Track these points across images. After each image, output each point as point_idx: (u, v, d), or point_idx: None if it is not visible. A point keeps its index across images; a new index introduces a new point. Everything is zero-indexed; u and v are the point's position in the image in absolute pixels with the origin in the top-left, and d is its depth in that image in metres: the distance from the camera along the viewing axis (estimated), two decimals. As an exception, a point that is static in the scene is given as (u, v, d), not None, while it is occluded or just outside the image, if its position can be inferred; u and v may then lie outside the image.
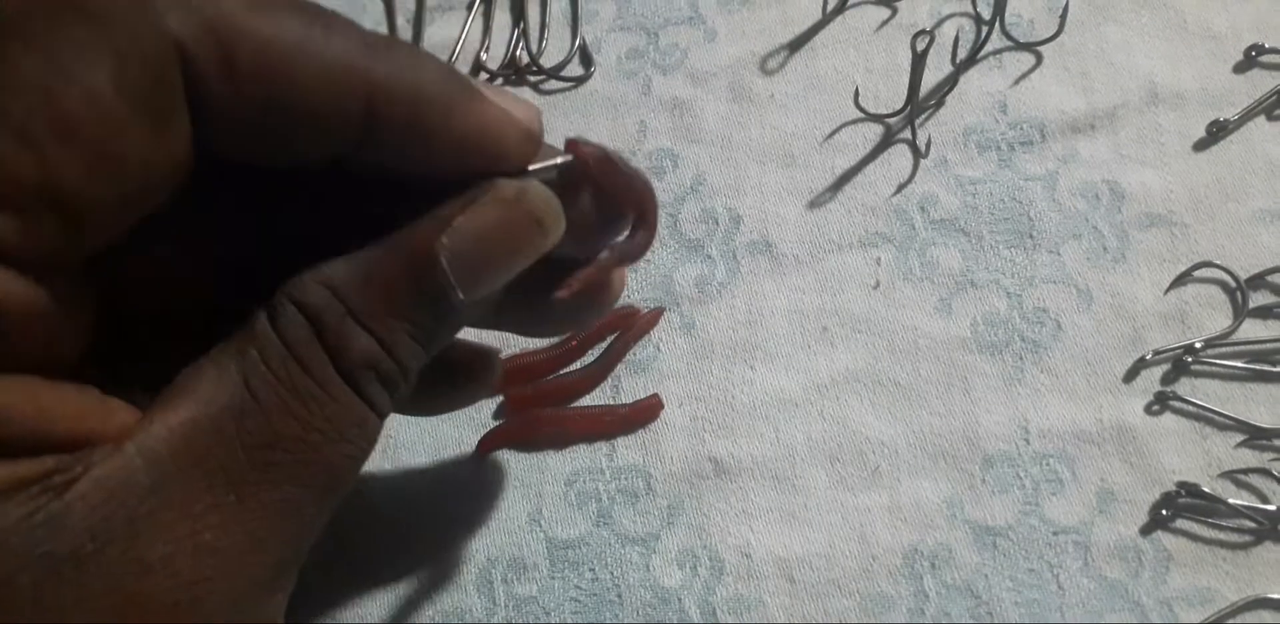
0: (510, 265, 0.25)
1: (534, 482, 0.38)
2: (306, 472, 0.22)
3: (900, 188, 0.42)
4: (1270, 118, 0.41)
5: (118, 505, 0.20)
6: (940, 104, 0.43)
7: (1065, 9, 0.43)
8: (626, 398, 0.39)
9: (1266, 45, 0.42)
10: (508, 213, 0.25)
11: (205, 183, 0.24)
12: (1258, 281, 0.38)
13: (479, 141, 0.24)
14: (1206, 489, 0.34)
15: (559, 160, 0.27)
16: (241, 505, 0.22)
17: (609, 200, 0.29)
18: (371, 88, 0.23)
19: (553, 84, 0.47)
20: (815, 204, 0.42)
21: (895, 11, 0.46)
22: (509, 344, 0.41)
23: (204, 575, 0.21)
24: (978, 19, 0.45)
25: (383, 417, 0.25)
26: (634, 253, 0.29)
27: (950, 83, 0.43)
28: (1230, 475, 0.35)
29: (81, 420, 0.22)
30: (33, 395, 0.21)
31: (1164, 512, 0.35)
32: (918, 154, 0.42)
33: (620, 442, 0.39)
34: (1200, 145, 0.41)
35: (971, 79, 0.44)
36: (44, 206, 0.20)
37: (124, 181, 0.21)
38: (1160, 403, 0.37)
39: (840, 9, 0.46)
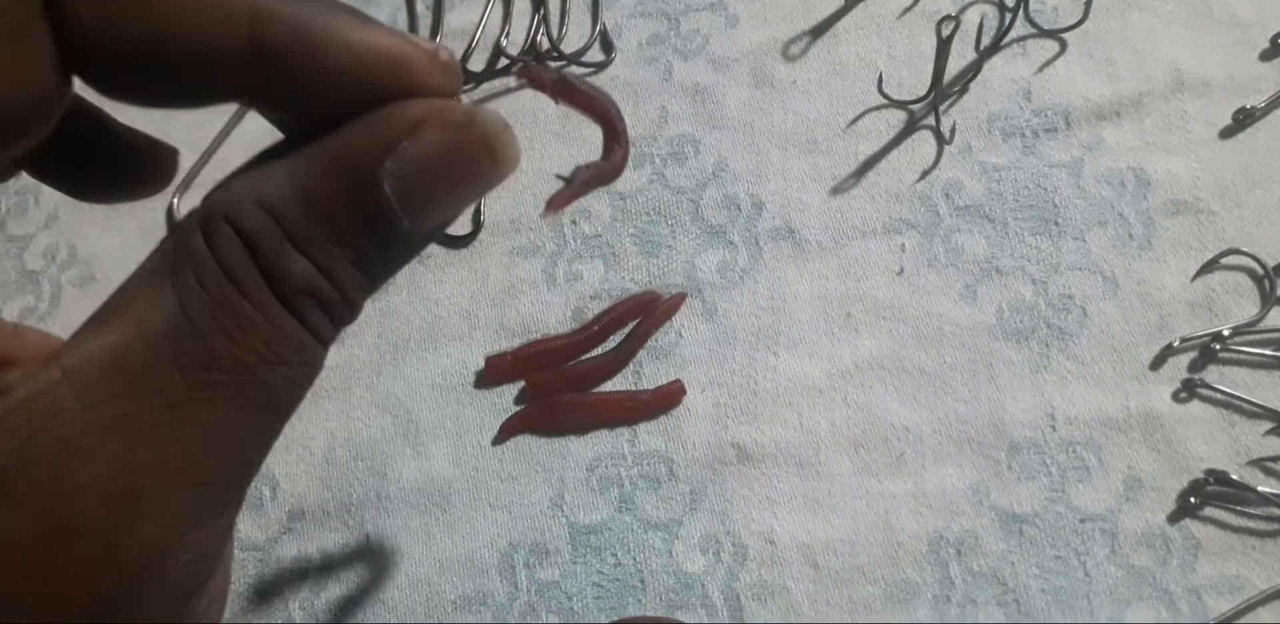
0: (461, 195, 0.24)
1: (556, 467, 0.38)
2: (244, 393, 0.22)
3: (924, 174, 0.42)
4: (1297, 105, 0.41)
5: (44, 427, 0.20)
6: (964, 90, 0.43)
7: (1090, -5, 0.43)
8: (648, 383, 0.39)
9: (1293, 33, 0.41)
10: (457, 137, 0.23)
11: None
12: (1285, 269, 0.38)
13: (380, 65, 0.23)
14: (1235, 477, 0.34)
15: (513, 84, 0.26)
16: (178, 425, 0.21)
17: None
18: (252, 15, 0.22)
19: (574, 70, 0.46)
20: (838, 190, 0.42)
21: (918, -2, 0.45)
22: (530, 330, 0.41)
23: (138, 496, 0.21)
24: (1001, 6, 0.44)
25: (325, 343, 0.24)
26: (611, 170, 0.29)
27: (974, 69, 0.43)
28: (1259, 463, 0.35)
29: None
30: None
31: (1192, 499, 0.34)
32: (941, 140, 0.42)
33: (642, 427, 0.39)
34: (1226, 133, 0.41)
35: (995, 66, 0.44)
36: None
37: None
38: (1188, 390, 0.36)
39: (863, -5, 0.46)
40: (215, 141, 0.48)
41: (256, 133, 0.29)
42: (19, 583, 0.20)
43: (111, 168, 0.28)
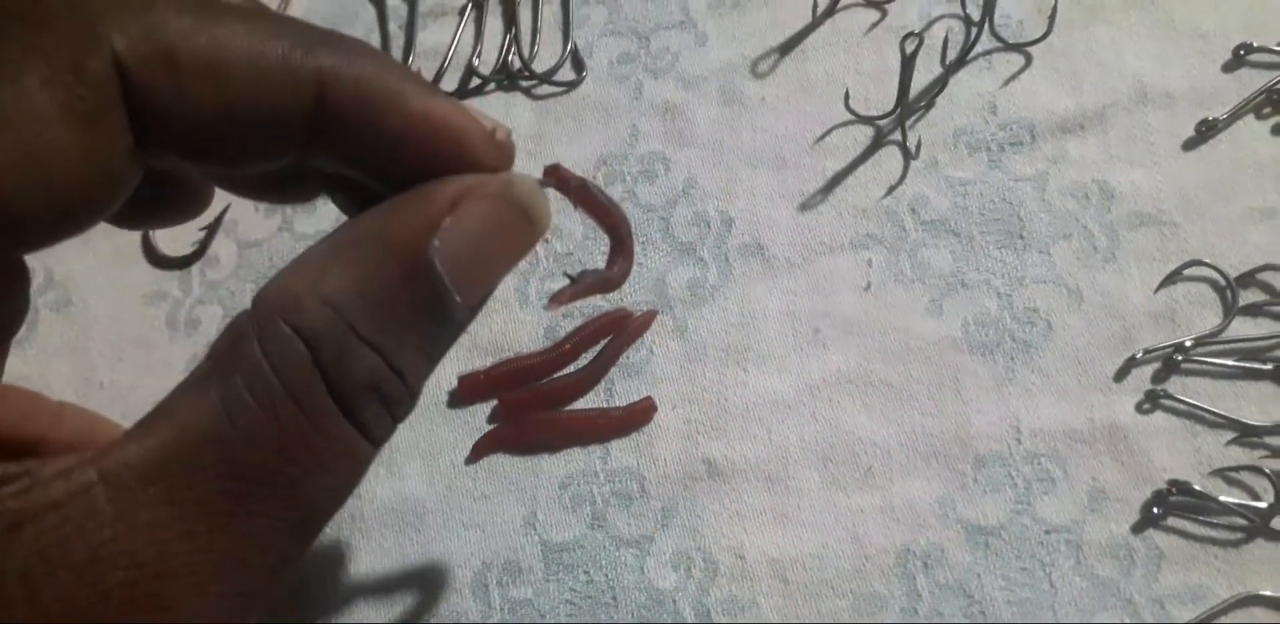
0: (505, 264, 0.24)
1: (528, 485, 0.39)
2: (284, 504, 0.21)
3: (891, 189, 0.42)
4: (1259, 117, 0.41)
5: (75, 531, 0.20)
6: (930, 105, 0.44)
7: (1054, 10, 0.43)
8: (621, 401, 0.40)
9: (1255, 44, 0.42)
10: (496, 208, 0.24)
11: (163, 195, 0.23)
12: (1247, 280, 0.38)
13: (437, 136, 0.23)
14: (1198, 487, 0.35)
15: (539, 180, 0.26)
16: (212, 535, 0.21)
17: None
18: (318, 78, 0.22)
19: (545, 89, 0.47)
20: (806, 206, 0.42)
21: (885, 14, 0.46)
22: (502, 348, 0.41)
23: (164, 602, 0.20)
24: (967, 20, 0.45)
25: (377, 444, 0.23)
26: (614, 281, 0.29)
27: (940, 84, 0.44)
28: (1221, 473, 0.35)
29: (23, 423, 0.21)
30: None
31: (1155, 510, 0.35)
32: (908, 155, 0.43)
33: (614, 445, 0.39)
34: (1189, 144, 0.41)
35: (961, 80, 0.44)
36: None
37: (51, 181, 0.21)
38: (1151, 401, 0.37)
39: (830, 12, 0.46)
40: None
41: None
42: None
43: (149, 195, 0.28)
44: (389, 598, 0.37)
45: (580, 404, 0.40)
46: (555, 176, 0.27)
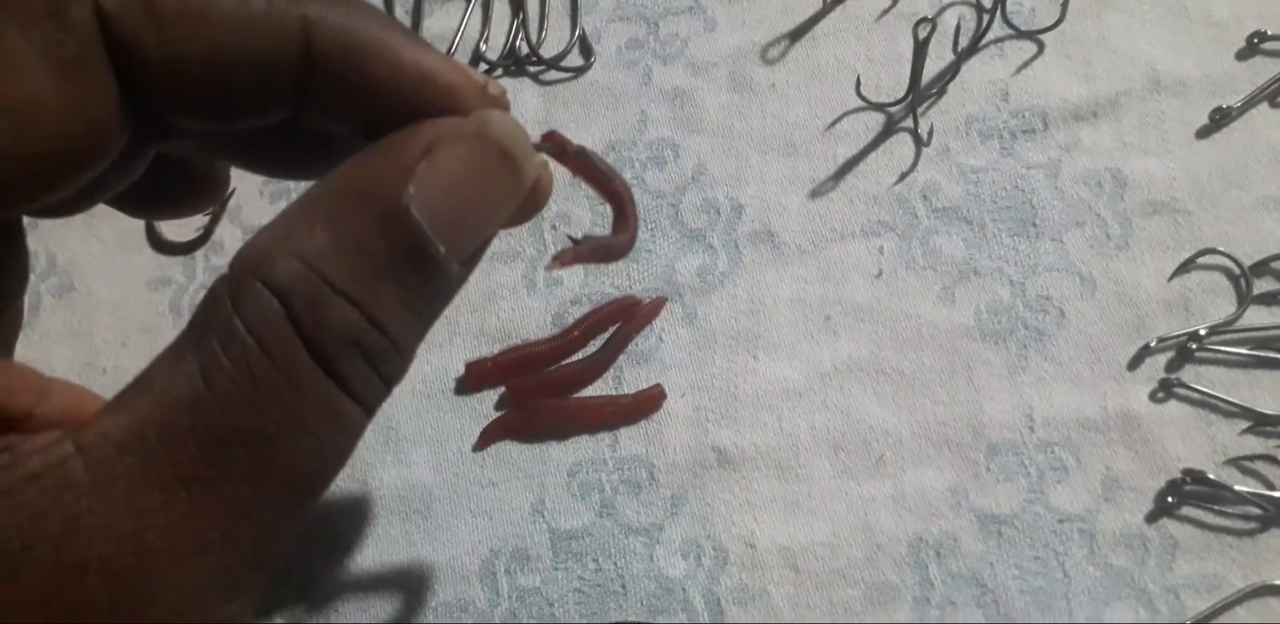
0: (492, 211, 0.23)
1: (536, 473, 0.38)
2: (265, 468, 0.20)
3: (902, 177, 0.42)
4: (1273, 104, 0.41)
5: (51, 502, 0.19)
6: (942, 93, 0.43)
7: (1066, -3, 0.43)
8: (629, 388, 0.39)
9: (1269, 32, 0.42)
10: (473, 150, 0.22)
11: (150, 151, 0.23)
12: (1261, 268, 0.38)
13: (428, 88, 0.22)
14: (1212, 476, 0.34)
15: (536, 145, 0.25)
16: (192, 504, 0.20)
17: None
18: (305, 27, 0.22)
19: (553, 74, 0.46)
20: (817, 193, 0.42)
21: (896, 0, 0.45)
22: (510, 335, 0.41)
23: (146, 577, 0.20)
24: (979, 7, 0.44)
25: (365, 405, 0.22)
26: (618, 249, 0.28)
27: (952, 71, 0.43)
28: (1235, 462, 0.35)
29: (10, 397, 0.21)
30: None
31: (1169, 499, 0.35)
32: (920, 143, 0.42)
33: (623, 432, 0.39)
34: (1203, 132, 0.41)
35: (973, 67, 0.44)
36: None
37: (32, 130, 0.20)
38: (1165, 390, 0.36)
39: (840, -2, 0.46)
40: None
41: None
42: None
43: (164, 183, 0.27)
44: (396, 585, 0.37)
45: (589, 391, 0.40)
46: (552, 142, 0.26)
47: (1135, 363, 0.37)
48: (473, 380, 0.40)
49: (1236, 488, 0.34)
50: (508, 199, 0.23)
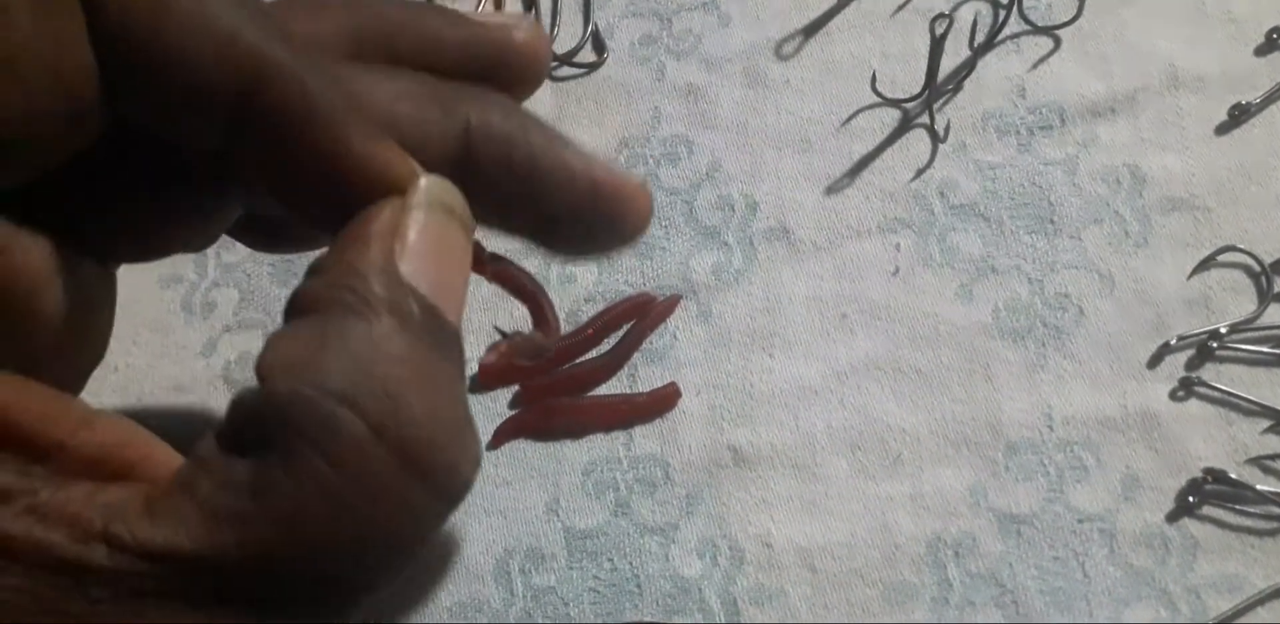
0: (464, 272, 0.23)
1: (551, 471, 0.38)
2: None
3: (919, 173, 0.41)
4: (1293, 101, 0.40)
5: (72, 583, 0.18)
6: (958, 89, 0.43)
7: (1084, -8, 0.43)
8: (643, 387, 0.39)
9: (1288, 28, 0.41)
10: (431, 217, 0.22)
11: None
12: (1282, 266, 0.38)
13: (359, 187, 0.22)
14: (1233, 475, 0.34)
15: None
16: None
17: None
18: (250, 69, 0.21)
19: (565, 71, 0.46)
20: (833, 190, 0.42)
21: (911, -4, 0.45)
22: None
23: None
24: (995, 3, 0.44)
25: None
26: (546, 348, 0.29)
27: (968, 67, 0.43)
28: (1257, 461, 0.35)
29: (45, 424, 0.20)
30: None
31: (1190, 498, 0.34)
32: (936, 139, 0.42)
33: (638, 431, 0.38)
34: (1222, 129, 0.41)
35: (989, 63, 0.43)
36: None
37: (20, 83, 0.20)
38: (1185, 389, 0.36)
39: (855, -7, 0.45)
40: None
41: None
42: None
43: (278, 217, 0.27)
44: (410, 585, 0.36)
45: (603, 390, 0.39)
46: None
47: (1155, 361, 0.37)
48: (486, 379, 0.40)
49: (1258, 487, 0.34)
50: (467, 253, 0.23)
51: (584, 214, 0.25)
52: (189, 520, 0.19)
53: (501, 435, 0.39)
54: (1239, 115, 0.40)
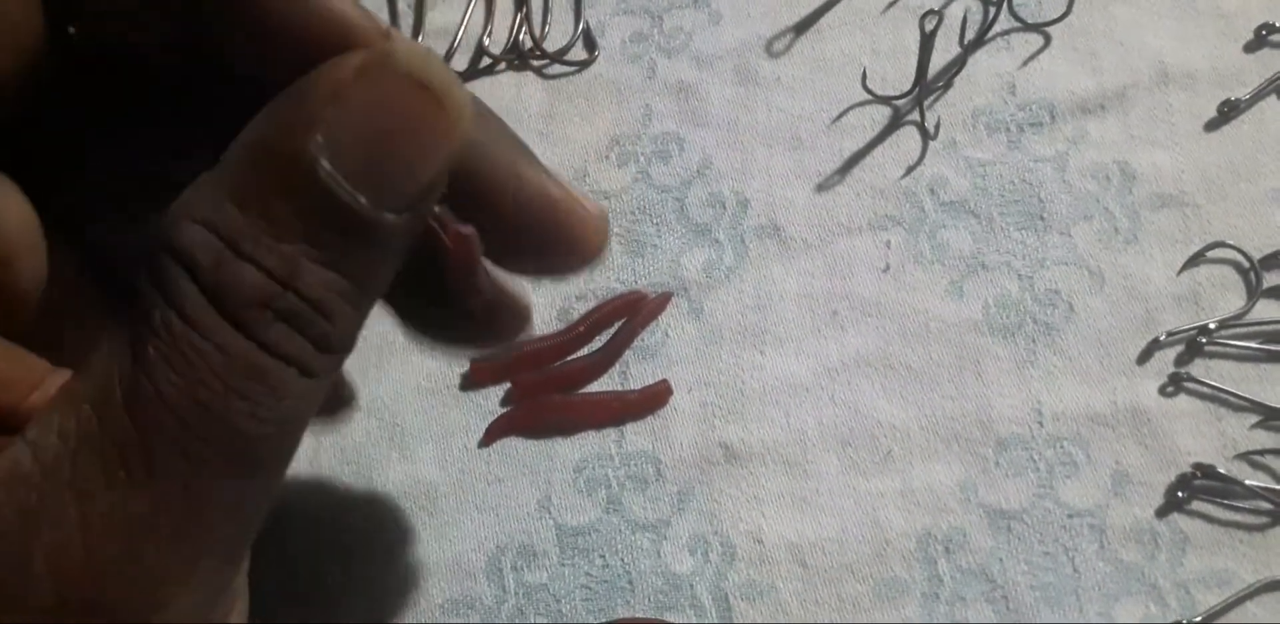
0: (418, 154, 0.21)
1: (542, 468, 0.38)
2: (201, 436, 0.19)
3: (909, 170, 0.41)
4: (1282, 97, 0.41)
5: (5, 496, 0.19)
6: (948, 86, 0.43)
7: (1073, -12, 0.43)
8: (635, 384, 0.39)
9: (1277, 24, 0.41)
10: (385, 86, 0.20)
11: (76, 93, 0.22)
12: (1271, 261, 0.38)
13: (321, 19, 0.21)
14: (1222, 471, 0.34)
15: None
16: (132, 483, 0.19)
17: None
18: None
19: (557, 68, 0.46)
20: (823, 187, 0.42)
21: (901, -7, 0.45)
22: (515, 330, 0.41)
23: (94, 568, 0.19)
24: (985, 0, 0.44)
25: (303, 368, 0.20)
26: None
27: (958, 64, 0.43)
28: (1246, 456, 0.35)
29: (2, 388, 0.20)
30: None
31: (1180, 494, 0.34)
32: (926, 136, 0.42)
33: (629, 428, 0.38)
34: (1211, 125, 0.41)
35: (980, 60, 0.43)
36: None
37: None
38: (1174, 384, 0.36)
39: (846, -9, 0.45)
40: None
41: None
42: None
43: (458, 320, 0.27)
44: (402, 582, 0.36)
45: (594, 387, 0.39)
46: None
47: (1144, 357, 0.37)
48: (477, 376, 0.40)
49: (1247, 482, 0.34)
50: (435, 135, 0.21)
51: (532, 232, 0.24)
52: (83, 392, 0.19)
53: (493, 433, 0.39)
54: (1228, 112, 0.40)
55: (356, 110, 0.20)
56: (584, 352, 0.40)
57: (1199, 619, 0.33)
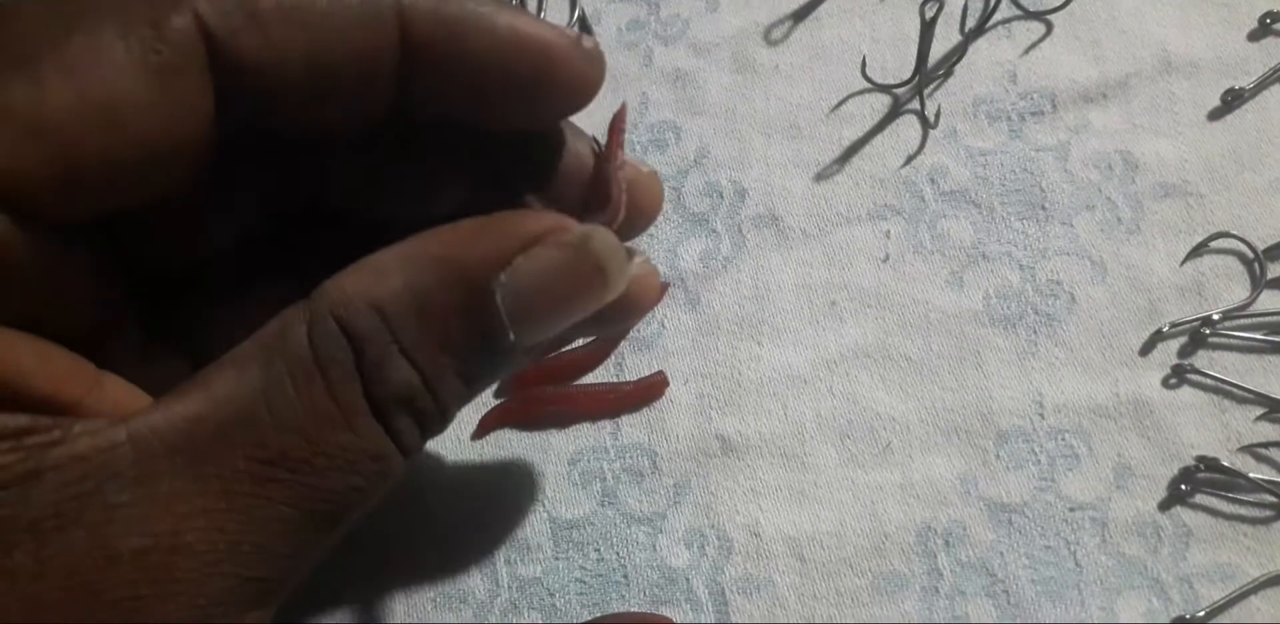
0: (568, 313, 0.24)
1: (537, 461, 0.37)
2: (305, 495, 0.21)
3: (909, 159, 0.41)
4: (1286, 86, 0.40)
5: (94, 488, 0.20)
6: (949, 74, 0.42)
7: (1076, -24, 0.42)
8: (631, 375, 0.38)
9: (1281, 12, 0.41)
10: (571, 258, 0.23)
11: (251, 157, 0.24)
12: (1275, 252, 0.37)
13: (528, 52, 0.23)
14: (1226, 463, 0.34)
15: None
16: (230, 515, 0.21)
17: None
18: (400, 12, 0.22)
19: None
20: (822, 176, 0.41)
21: (901, -20, 0.45)
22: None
23: (173, 576, 0.20)
24: (986, -13, 0.44)
25: (408, 454, 0.24)
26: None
27: (959, 52, 0.42)
28: (1250, 449, 0.34)
29: (63, 384, 0.21)
30: (10, 345, 0.21)
31: (1183, 487, 0.34)
32: (926, 125, 0.41)
33: (624, 420, 0.38)
34: (1215, 114, 0.40)
35: (980, 49, 0.43)
36: (30, 136, 0.20)
37: (120, 132, 0.20)
38: (1177, 376, 0.36)
39: (845, -22, 0.45)
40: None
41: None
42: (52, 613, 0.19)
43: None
44: (394, 576, 0.36)
45: (590, 379, 0.39)
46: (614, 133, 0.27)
47: (1147, 348, 0.36)
48: (471, 367, 0.39)
49: (1251, 475, 0.33)
50: (590, 307, 0.24)
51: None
52: (197, 406, 0.21)
53: (487, 425, 0.38)
54: (1232, 101, 0.40)
55: (541, 267, 0.23)
56: (579, 343, 0.39)
57: (1202, 614, 0.32)
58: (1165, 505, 0.34)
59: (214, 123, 0.22)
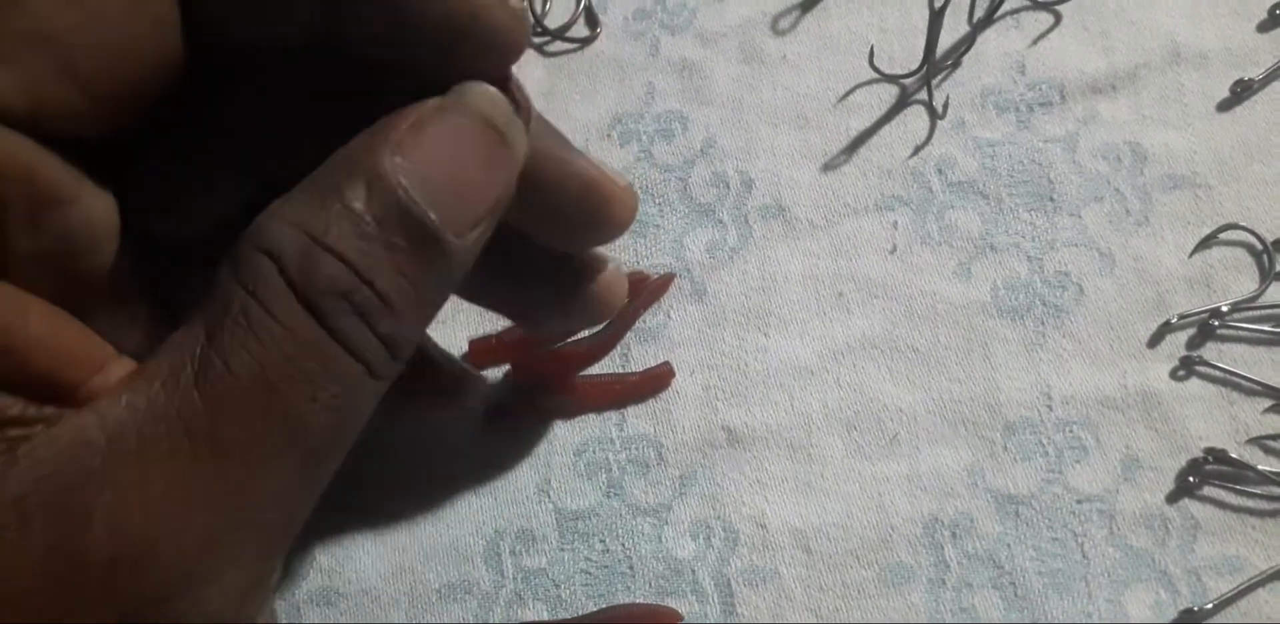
0: (483, 183, 0.23)
1: (542, 452, 0.37)
2: (267, 417, 0.21)
3: (917, 150, 0.41)
4: (1296, 77, 0.40)
5: (68, 459, 0.20)
6: (957, 64, 0.42)
7: (1085, -34, 0.42)
8: (636, 366, 0.38)
9: (1292, 3, 0.41)
10: (455, 121, 0.23)
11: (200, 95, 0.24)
12: (1285, 244, 0.37)
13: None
14: (1234, 455, 0.34)
15: None
16: (196, 454, 0.20)
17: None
18: None
19: (558, 46, 0.45)
20: (829, 167, 0.41)
21: (909, -30, 0.44)
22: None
23: (150, 532, 0.20)
24: (994, -23, 0.43)
25: (367, 364, 0.22)
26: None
27: (967, 43, 0.42)
28: (1258, 441, 0.34)
29: (67, 363, 0.22)
30: (21, 310, 0.21)
31: (1191, 479, 0.34)
32: (934, 115, 0.41)
33: (630, 411, 0.38)
34: (1224, 105, 0.40)
35: (989, 39, 0.43)
36: (37, 51, 0.20)
37: (110, 31, 0.21)
38: (1186, 368, 0.36)
39: (852, -32, 0.45)
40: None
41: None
42: (24, 614, 0.19)
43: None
44: (399, 566, 0.36)
45: (595, 369, 0.39)
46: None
47: (1155, 340, 0.36)
48: (476, 358, 0.39)
49: (1259, 467, 0.33)
50: (499, 169, 0.24)
51: (572, 211, 0.27)
52: (157, 371, 0.21)
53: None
54: (1241, 92, 0.40)
55: (429, 139, 0.22)
56: (585, 333, 0.39)
57: (1210, 606, 0.32)
58: (1173, 498, 0.34)
59: (181, 32, 0.22)
